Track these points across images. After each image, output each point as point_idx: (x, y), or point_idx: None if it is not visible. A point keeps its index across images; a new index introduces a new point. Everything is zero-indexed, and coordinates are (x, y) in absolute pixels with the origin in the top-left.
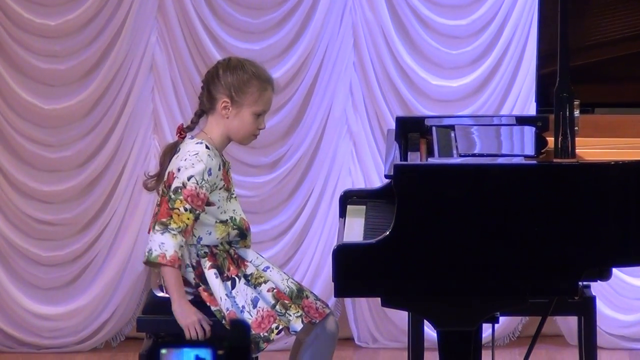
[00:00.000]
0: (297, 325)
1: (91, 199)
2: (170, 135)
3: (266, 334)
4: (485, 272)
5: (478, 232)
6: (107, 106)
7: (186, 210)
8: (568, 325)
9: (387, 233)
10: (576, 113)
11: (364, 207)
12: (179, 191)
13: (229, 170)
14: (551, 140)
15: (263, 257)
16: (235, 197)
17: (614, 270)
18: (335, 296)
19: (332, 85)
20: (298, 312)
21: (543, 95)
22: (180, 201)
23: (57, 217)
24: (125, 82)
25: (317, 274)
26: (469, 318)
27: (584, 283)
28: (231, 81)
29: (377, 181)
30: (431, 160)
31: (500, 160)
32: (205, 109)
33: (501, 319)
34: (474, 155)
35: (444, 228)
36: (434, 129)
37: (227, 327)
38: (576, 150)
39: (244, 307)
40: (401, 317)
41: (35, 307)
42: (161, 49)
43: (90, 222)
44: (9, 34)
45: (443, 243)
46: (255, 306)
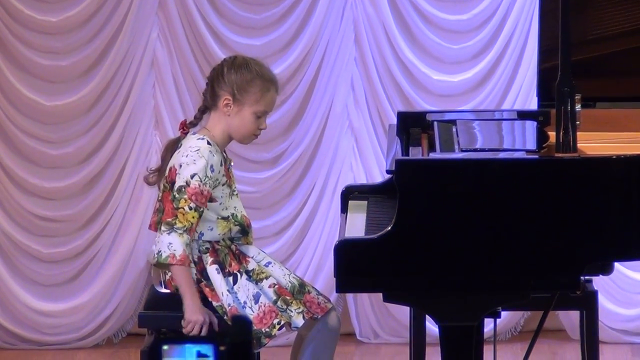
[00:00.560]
0: (299, 321)
1: (93, 196)
2: (172, 131)
3: (268, 329)
4: (486, 267)
5: (479, 226)
6: (109, 102)
7: (191, 209)
8: (570, 319)
9: (389, 228)
10: (577, 107)
11: (365, 203)
12: (183, 190)
13: (231, 167)
14: (553, 134)
15: (265, 252)
16: (236, 194)
17: (616, 264)
18: (337, 291)
19: (334, 81)
20: (299, 307)
21: (544, 90)
22: (184, 200)
23: (59, 213)
24: (127, 79)
25: (318, 269)
26: (471, 313)
27: (586, 277)
28: (234, 79)
29: (379, 176)
30: (433, 155)
31: (502, 155)
32: (208, 105)
33: (503, 313)
34: (475, 150)
35: (446, 223)
36: (435, 123)
37: (229, 323)
38: (578, 145)
39: (245, 302)
40: (403, 312)
41: (36, 303)
42: (162, 45)
43: (92, 218)
44: (10, 30)
45: (445, 238)
46: (257, 302)
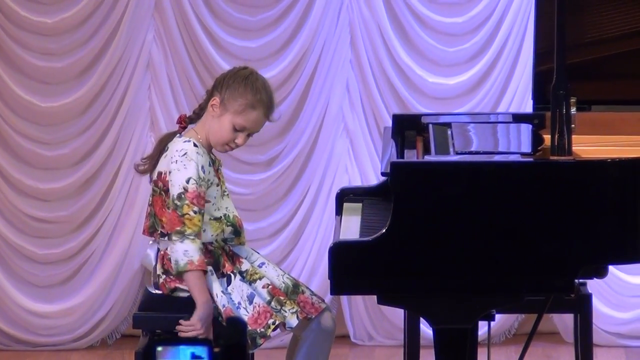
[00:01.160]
0: (293, 321)
1: (88, 197)
2: None
3: (262, 329)
4: (481, 270)
5: (474, 229)
6: (104, 104)
7: (195, 212)
8: (564, 322)
9: (384, 231)
10: (573, 110)
11: (360, 205)
12: (183, 197)
13: (220, 168)
14: (548, 137)
15: (258, 253)
16: (227, 194)
17: (610, 267)
18: (331, 294)
19: (329, 83)
20: (294, 308)
21: (540, 93)
22: (187, 206)
23: (54, 214)
24: (122, 80)
25: (313, 271)
26: (465, 315)
27: (580, 280)
28: (230, 84)
29: (374, 179)
30: (428, 158)
31: (497, 158)
32: (203, 104)
33: (497, 316)
34: (470, 153)
35: (441, 226)
36: (430, 126)
37: (224, 324)
38: (573, 148)
39: (239, 303)
40: (397, 314)
41: (31, 304)
42: (158, 47)
43: (87, 219)
44: (5, 31)
45: (439, 241)
46: (251, 302)
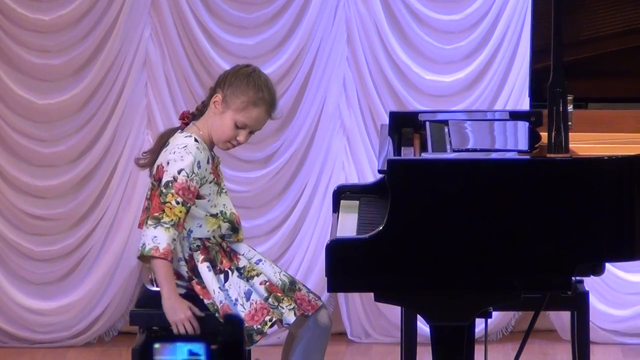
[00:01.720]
0: (290, 317)
1: (84, 194)
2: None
3: (259, 326)
4: (478, 267)
5: (471, 227)
6: (101, 101)
7: (178, 203)
8: (561, 320)
9: (381, 228)
10: (570, 108)
11: (357, 202)
12: (170, 185)
13: (219, 165)
14: (545, 135)
15: (256, 250)
16: (225, 191)
17: (607, 265)
18: (328, 291)
19: (326, 80)
20: (291, 304)
21: (536, 90)
22: (171, 195)
23: (50, 212)
24: (119, 78)
25: (310, 269)
26: (462, 313)
27: (577, 278)
28: (232, 81)
29: (371, 176)
30: (425, 156)
31: (494, 156)
32: (206, 101)
33: (494, 314)
34: (467, 150)
35: (437, 223)
36: (427, 124)
37: (221, 320)
38: (569, 145)
39: (237, 300)
40: (394, 312)
41: (28, 302)
42: (154, 44)
43: (84, 217)
44: (2, 29)
45: (436, 238)
46: (248, 299)
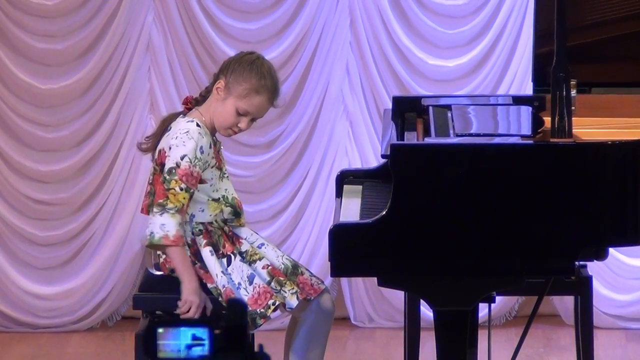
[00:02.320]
0: (293, 301)
1: (88, 179)
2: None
3: (263, 310)
4: (481, 252)
5: (474, 211)
6: (104, 86)
7: (182, 189)
8: (564, 305)
9: (384, 213)
10: (573, 93)
11: (360, 187)
12: (173, 171)
13: (220, 150)
14: (548, 120)
15: (258, 234)
16: (227, 176)
17: (611, 250)
18: (331, 276)
19: (329, 65)
20: (293, 288)
21: (540, 75)
22: (175, 181)
23: (54, 196)
24: (122, 62)
25: (313, 253)
26: (466, 298)
27: (581, 263)
28: (235, 68)
29: (374, 161)
30: (428, 140)
31: (497, 140)
32: (209, 87)
33: (497, 298)
34: (470, 135)
35: (441, 208)
36: (430, 108)
37: (224, 305)
38: (573, 130)
39: (240, 284)
40: (397, 296)
41: (31, 286)
42: (158, 29)
43: (87, 201)
44: (5, 14)
45: (439, 223)
46: (251, 283)
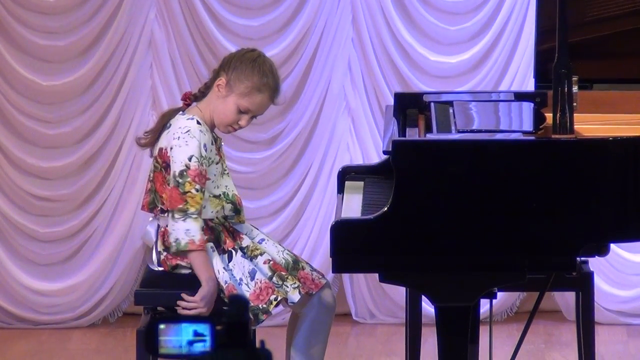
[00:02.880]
0: (295, 296)
1: (89, 175)
2: None
3: (265, 305)
4: (483, 248)
5: (476, 207)
6: (106, 82)
7: (197, 190)
8: (566, 300)
9: (385, 209)
10: (575, 89)
11: (362, 183)
12: (185, 174)
13: (221, 147)
14: (550, 116)
15: (258, 229)
16: (227, 173)
17: (612, 246)
18: (333, 272)
19: (331, 62)
20: (295, 283)
21: (541, 71)
22: (189, 183)
23: (55, 193)
24: (124, 59)
25: (315, 249)
26: (467, 293)
27: (582, 259)
28: (237, 66)
29: (376, 157)
30: (429, 136)
31: (499, 136)
32: (209, 83)
33: (499, 294)
34: (472, 131)
35: (442, 204)
36: (432, 104)
37: (226, 300)
38: (574, 126)
39: (241, 279)
40: (399, 292)
41: (32, 283)
42: (160, 26)
43: (89, 198)
44: (7, 10)
45: (441, 219)
46: (252, 278)
